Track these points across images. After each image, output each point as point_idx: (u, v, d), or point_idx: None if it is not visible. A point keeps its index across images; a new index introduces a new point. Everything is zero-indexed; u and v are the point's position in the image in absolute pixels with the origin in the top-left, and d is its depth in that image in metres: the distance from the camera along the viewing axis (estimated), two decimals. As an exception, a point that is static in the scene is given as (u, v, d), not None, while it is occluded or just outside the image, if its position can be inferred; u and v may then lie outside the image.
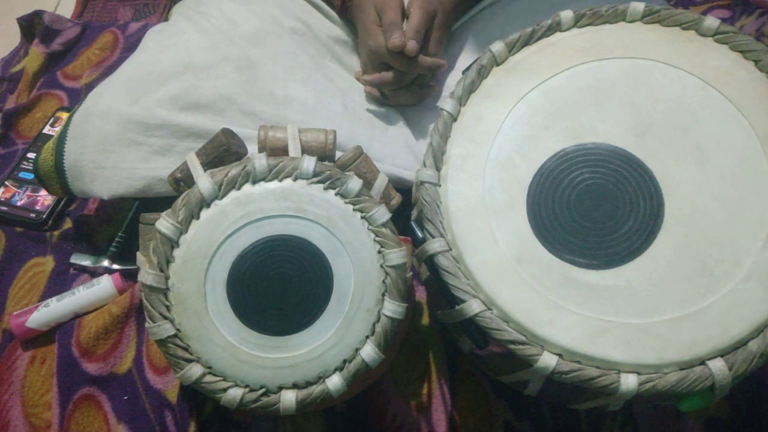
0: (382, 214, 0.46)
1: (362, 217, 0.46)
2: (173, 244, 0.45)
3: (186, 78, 0.57)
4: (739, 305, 0.40)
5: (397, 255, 0.45)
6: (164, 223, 0.45)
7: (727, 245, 0.41)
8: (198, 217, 0.45)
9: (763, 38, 0.74)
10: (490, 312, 0.41)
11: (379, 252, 0.45)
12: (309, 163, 0.44)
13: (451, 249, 0.43)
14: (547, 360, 0.40)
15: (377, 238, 0.45)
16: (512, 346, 0.41)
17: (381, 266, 0.45)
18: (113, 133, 0.57)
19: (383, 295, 0.45)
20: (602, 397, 0.44)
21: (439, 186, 0.45)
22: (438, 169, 0.45)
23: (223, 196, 0.44)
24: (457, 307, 0.42)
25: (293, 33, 0.64)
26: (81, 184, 0.59)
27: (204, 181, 0.45)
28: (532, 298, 0.41)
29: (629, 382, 0.39)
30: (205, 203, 0.45)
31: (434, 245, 0.43)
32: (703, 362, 0.39)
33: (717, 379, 0.39)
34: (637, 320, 0.39)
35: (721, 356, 0.39)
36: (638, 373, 0.39)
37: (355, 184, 0.46)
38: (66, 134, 0.59)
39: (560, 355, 0.40)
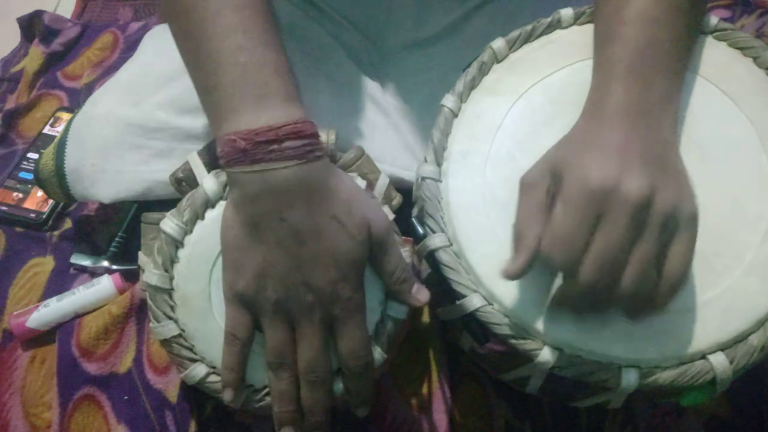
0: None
1: None
2: (178, 244, 0.45)
3: (184, 81, 0.57)
4: (739, 299, 0.40)
5: (400, 255, 0.45)
6: (169, 223, 0.45)
7: (727, 240, 0.41)
8: (203, 218, 0.45)
9: (763, 38, 0.75)
10: (490, 307, 0.41)
11: None
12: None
13: (451, 244, 0.43)
14: (548, 355, 0.40)
15: None
16: (513, 341, 0.41)
17: None
18: (113, 137, 0.57)
19: (386, 295, 0.45)
20: (603, 393, 0.44)
21: (440, 182, 0.45)
22: (439, 164, 0.46)
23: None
24: (457, 303, 0.42)
25: (291, 32, 0.65)
26: (82, 188, 0.59)
27: (209, 182, 0.45)
28: (532, 292, 0.41)
29: (630, 376, 0.39)
30: (210, 204, 0.45)
31: (435, 240, 0.43)
32: (703, 356, 0.40)
33: (718, 373, 0.39)
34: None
35: (722, 350, 0.39)
36: (639, 367, 0.40)
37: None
38: (66, 139, 0.59)
39: (561, 350, 0.40)
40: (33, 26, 0.91)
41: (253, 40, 0.42)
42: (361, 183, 0.47)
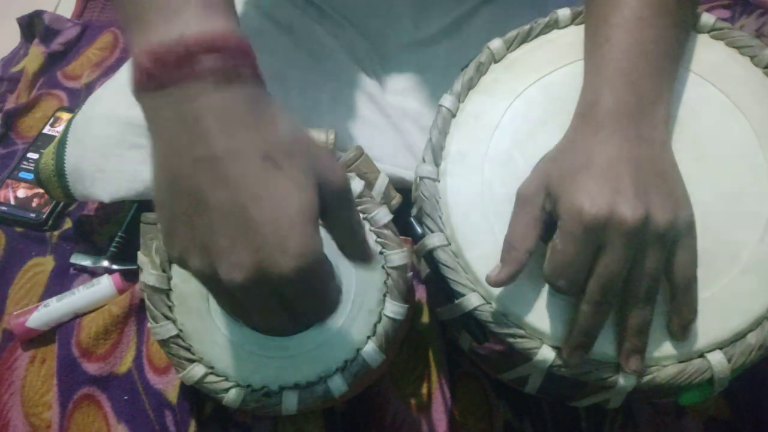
0: (384, 215, 0.46)
1: (364, 219, 0.46)
2: (174, 243, 0.45)
3: None
4: (737, 298, 0.40)
5: (399, 256, 0.45)
6: None
7: (725, 238, 0.41)
8: None
9: (762, 38, 0.75)
10: (488, 305, 0.41)
11: (381, 253, 0.45)
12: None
13: (450, 243, 0.43)
14: (546, 353, 0.40)
15: (379, 239, 0.46)
16: (511, 340, 0.41)
17: (382, 267, 0.45)
18: (113, 136, 0.57)
19: (384, 295, 0.45)
20: (602, 392, 0.44)
21: (438, 181, 0.45)
22: (437, 164, 0.46)
23: None
24: (456, 302, 0.42)
25: (290, 31, 0.65)
26: (82, 187, 0.59)
27: None
28: (530, 290, 0.41)
29: (628, 375, 0.39)
30: None
31: (433, 240, 0.43)
32: (701, 355, 0.40)
33: (716, 372, 0.39)
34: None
35: (720, 349, 0.40)
36: None
37: (356, 185, 0.46)
38: (66, 138, 0.59)
39: (559, 348, 0.40)
40: (33, 26, 0.91)
41: None
42: (360, 183, 0.47)
